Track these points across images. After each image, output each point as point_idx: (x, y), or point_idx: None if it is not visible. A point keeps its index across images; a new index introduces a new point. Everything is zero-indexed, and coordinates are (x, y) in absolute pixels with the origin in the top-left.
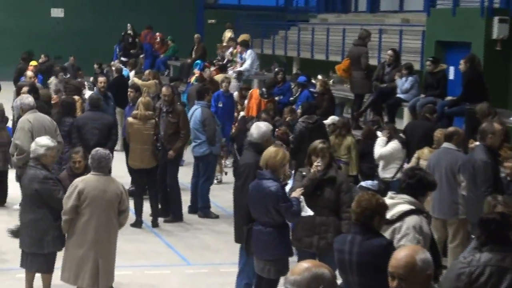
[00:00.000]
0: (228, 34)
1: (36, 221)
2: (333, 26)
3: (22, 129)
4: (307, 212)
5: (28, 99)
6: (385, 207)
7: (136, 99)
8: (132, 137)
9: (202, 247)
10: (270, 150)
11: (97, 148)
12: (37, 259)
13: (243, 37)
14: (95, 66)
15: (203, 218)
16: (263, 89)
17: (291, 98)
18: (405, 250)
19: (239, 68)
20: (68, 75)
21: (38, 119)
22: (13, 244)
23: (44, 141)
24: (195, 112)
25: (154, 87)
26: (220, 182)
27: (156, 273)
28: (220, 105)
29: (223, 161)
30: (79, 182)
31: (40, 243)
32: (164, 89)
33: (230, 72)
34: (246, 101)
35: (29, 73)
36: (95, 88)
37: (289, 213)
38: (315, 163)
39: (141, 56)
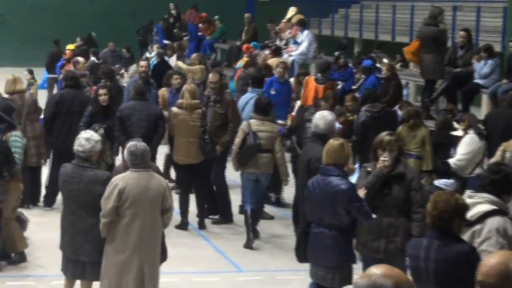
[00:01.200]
0: (290, 13)
1: (96, 227)
2: (400, 3)
3: None
4: None
5: None
6: (465, 208)
7: (180, 86)
8: (177, 129)
9: (255, 251)
10: (335, 143)
11: (135, 142)
12: (98, 267)
13: (298, 16)
14: (124, 50)
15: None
16: (318, 74)
17: (354, 87)
18: (498, 257)
19: (297, 51)
20: (101, 61)
21: None
22: (48, 249)
23: (96, 136)
24: (252, 101)
25: (200, 73)
26: None
27: (204, 281)
28: (273, 92)
29: None
30: (118, 180)
31: (102, 251)
32: (210, 75)
33: (285, 56)
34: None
35: (81, 59)
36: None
37: (362, 214)
38: (381, 158)
39: (185, 38)
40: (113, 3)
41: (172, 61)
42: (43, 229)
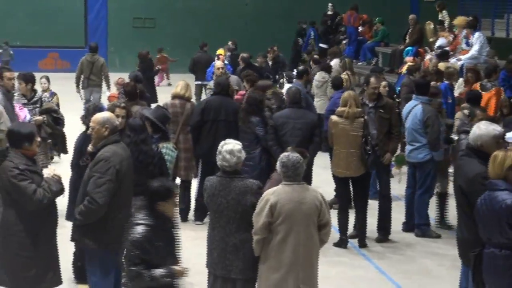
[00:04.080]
0: (429, 26)
1: (247, 242)
2: None
3: None
4: None
5: None
6: None
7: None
8: (336, 139)
9: (420, 273)
10: (494, 155)
11: (287, 153)
12: (249, 285)
13: (464, 19)
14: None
15: (421, 238)
16: (484, 80)
17: None
18: None
19: (467, 55)
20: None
21: None
22: (200, 265)
23: (237, 146)
24: (414, 110)
25: (349, 80)
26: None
27: None
28: (450, 101)
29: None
30: (270, 195)
31: (254, 267)
32: (372, 80)
33: (453, 60)
34: None
35: (219, 63)
36: (294, 80)
37: None
38: None
39: (344, 42)
40: (266, 5)
41: (335, 65)
42: (194, 244)
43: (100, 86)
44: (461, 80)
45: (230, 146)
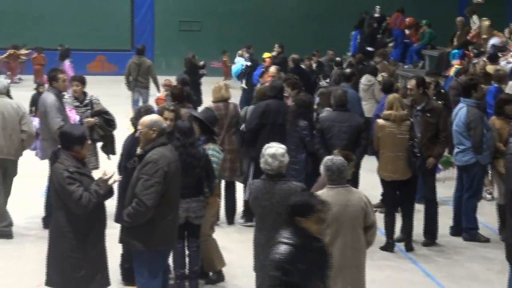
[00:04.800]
0: (485, 23)
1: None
2: None
3: None
4: None
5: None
6: None
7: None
8: (383, 143)
9: (468, 277)
10: None
11: (332, 156)
12: None
13: None
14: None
15: (469, 242)
16: None
17: None
18: None
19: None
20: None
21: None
22: (247, 268)
23: (280, 149)
24: (460, 112)
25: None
26: (493, 197)
27: None
28: None
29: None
30: None
31: None
32: (411, 82)
33: (503, 63)
34: None
35: (273, 70)
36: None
37: None
38: None
39: (390, 45)
40: (312, 8)
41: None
42: (241, 247)
43: (147, 88)
44: (511, 83)
45: (272, 150)
